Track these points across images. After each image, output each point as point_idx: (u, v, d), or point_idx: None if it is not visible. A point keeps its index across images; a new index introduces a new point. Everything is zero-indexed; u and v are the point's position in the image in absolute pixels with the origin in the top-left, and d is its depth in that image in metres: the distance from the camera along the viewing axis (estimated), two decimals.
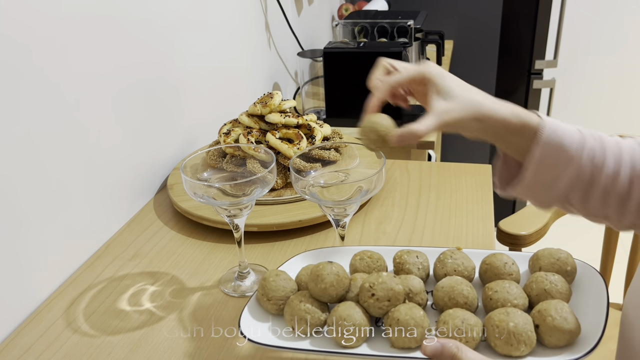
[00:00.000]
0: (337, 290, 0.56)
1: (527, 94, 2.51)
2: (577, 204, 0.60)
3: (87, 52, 0.82)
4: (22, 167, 0.72)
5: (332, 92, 1.44)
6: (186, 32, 1.11)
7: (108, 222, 0.90)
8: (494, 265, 0.59)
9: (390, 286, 0.54)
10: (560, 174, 0.58)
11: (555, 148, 0.57)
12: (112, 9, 0.87)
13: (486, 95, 0.59)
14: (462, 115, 0.57)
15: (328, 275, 0.56)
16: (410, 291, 0.56)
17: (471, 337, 0.51)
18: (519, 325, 0.50)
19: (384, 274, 0.55)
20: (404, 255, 0.61)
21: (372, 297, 0.54)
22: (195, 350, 0.66)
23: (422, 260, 0.61)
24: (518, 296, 0.55)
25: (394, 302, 0.54)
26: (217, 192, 0.69)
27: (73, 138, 0.80)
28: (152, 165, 1.02)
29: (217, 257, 0.84)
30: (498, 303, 0.54)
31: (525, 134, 0.58)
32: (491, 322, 0.51)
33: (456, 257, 0.61)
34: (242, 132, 0.97)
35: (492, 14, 2.43)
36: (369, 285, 0.54)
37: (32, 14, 0.71)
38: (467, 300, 0.55)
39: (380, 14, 1.84)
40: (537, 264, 0.60)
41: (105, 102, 0.87)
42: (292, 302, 0.57)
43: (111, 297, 0.76)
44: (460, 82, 0.60)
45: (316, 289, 0.56)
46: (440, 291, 0.56)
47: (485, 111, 0.57)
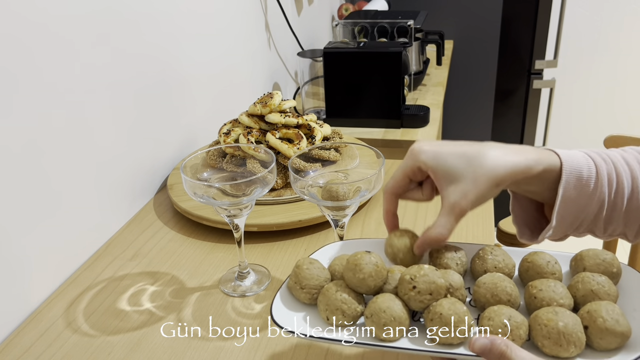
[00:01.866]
0: (375, 281, 0.53)
1: (527, 94, 2.51)
2: (601, 229, 0.59)
3: (86, 51, 0.82)
4: (22, 167, 0.72)
5: (332, 92, 1.44)
6: (186, 32, 1.11)
7: (108, 222, 0.90)
8: (536, 264, 0.57)
9: (432, 279, 0.51)
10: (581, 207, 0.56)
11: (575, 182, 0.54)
12: (113, 8, 0.87)
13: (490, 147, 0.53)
14: (479, 192, 0.52)
15: (367, 265, 0.53)
16: (451, 286, 0.53)
17: (518, 335, 0.48)
18: (569, 325, 0.48)
19: (426, 267, 0.52)
20: (441, 249, 0.58)
21: (414, 290, 0.51)
22: (195, 350, 0.66)
23: (461, 255, 0.58)
24: (564, 296, 0.52)
25: (435, 296, 0.51)
26: (217, 192, 0.69)
27: (73, 138, 0.80)
28: (152, 165, 1.02)
29: (217, 257, 0.84)
30: (543, 302, 0.52)
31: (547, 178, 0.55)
32: (538, 320, 0.49)
33: (496, 253, 0.58)
34: (242, 132, 0.97)
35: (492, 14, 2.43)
36: (410, 277, 0.52)
37: (33, 11, 0.71)
38: (511, 297, 0.53)
39: (380, 14, 1.84)
40: (580, 265, 0.57)
41: (105, 102, 0.87)
42: (328, 292, 0.54)
43: (111, 297, 0.76)
44: (462, 152, 0.53)
45: (354, 279, 0.53)
46: (482, 287, 0.53)
47: (501, 174, 0.52)
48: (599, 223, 0.58)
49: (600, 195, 0.56)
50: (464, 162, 0.52)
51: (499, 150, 0.53)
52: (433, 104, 1.59)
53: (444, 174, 0.53)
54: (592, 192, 0.55)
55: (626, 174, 0.57)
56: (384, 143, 1.40)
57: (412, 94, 1.70)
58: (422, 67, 1.77)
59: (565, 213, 0.56)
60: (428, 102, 1.62)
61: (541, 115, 2.59)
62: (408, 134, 1.41)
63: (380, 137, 1.40)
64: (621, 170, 0.57)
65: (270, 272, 0.79)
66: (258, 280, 0.77)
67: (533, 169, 0.53)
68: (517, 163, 0.52)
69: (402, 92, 1.41)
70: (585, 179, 0.55)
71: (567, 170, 0.54)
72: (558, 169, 0.55)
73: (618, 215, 0.57)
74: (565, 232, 0.59)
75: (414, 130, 1.42)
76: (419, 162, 0.54)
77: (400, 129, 1.43)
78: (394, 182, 0.57)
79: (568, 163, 0.55)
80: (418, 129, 1.43)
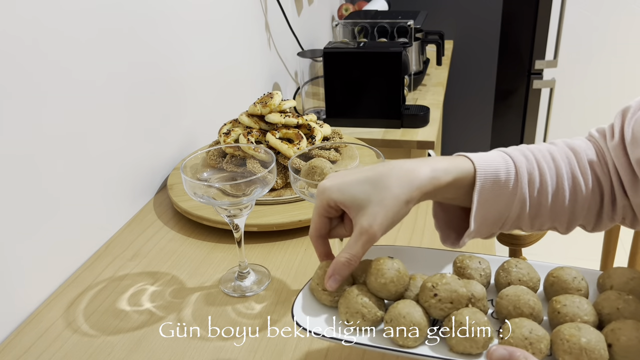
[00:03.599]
0: (396, 286, 0.53)
1: (527, 94, 2.51)
2: (527, 225, 0.59)
3: (86, 51, 0.82)
4: (22, 167, 0.72)
5: (332, 92, 1.44)
6: (186, 32, 1.11)
7: (108, 222, 0.90)
8: (561, 279, 0.56)
9: (454, 288, 0.51)
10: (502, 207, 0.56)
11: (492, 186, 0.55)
12: (113, 8, 0.87)
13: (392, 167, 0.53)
14: (388, 213, 0.51)
15: (389, 270, 0.53)
16: (473, 296, 0.53)
17: (538, 349, 0.47)
18: (592, 341, 0.46)
19: (448, 275, 0.52)
20: (465, 260, 0.58)
21: (435, 298, 0.51)
22: (195, 350, 0.66)
23: (485, 267, 0.58)
24: (588, 312, 0.51)
25: (456, 304, 0.51)
26: (217, 192, 0.69)
27: (73, 138, 0.80)
28: (152, 165, 1.02)
29: (217, 257, 0.84)
30: (567, 317, 0.51)
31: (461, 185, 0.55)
32: (560, 335, 0.48)
33: (521, 266, 0.57)
34: (242, 132, 0.97)
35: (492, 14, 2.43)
36: (432, 285, 0.51)
37: (31, 10, 0.71)
38: (533, 311, 0.52)
39: (380, 14, 1.84)
40: (608, 283, 0.57)
41: (105, 102, 0.87)
42: (349, 295, 0.53)
43: (111, 297, 0.76)
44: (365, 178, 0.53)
45: (375, 283, 0.53)
46: (505, 299, 0.53)
47: (406, 192, 0.52)
48: (524, 220, 0.58)
49: (521, 195, 0.56)
50: (368, 188, 0.52)
51: (402, 169, 0.53)
52: (433, 104, 1.59)
53: (352, 204, 0.52)
54: (512, 192, 0.55)
55: (550, 171, 0.57)
56: (384, 143, 1.40)
57: (412, 94, 1.70)
58: (422, 67, 1.77)
59: (486, 215, 0.56)
60: (428, 102, 1.62)
61: (541, 115, 2.59)
62: (408, 134, 1.41)
63: (380, 137, 1.40)
64: (545, 167, 0.57)
65: (270, 272, 0.79)
66: (258, 280, 0.77)
67: (441, 179, 0.53)
68: (422, 178, 0.52)
69: (402, 92, 1.41)
70: (504, 181, 0.55)
71: (481, 176, 0.54)
72: (472, 175, 0.55)
73: (544, 211, 0.57)
74: (491, 232, 0.59)
75: (414, 130, 1.42)
76: (326, 199, 0.53)
77: (400, 129, 1.43)
78: (314, 225, 0.56)
79: (482, 167, 0.55)
80: (418, 129, 1.43)
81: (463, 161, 0.55)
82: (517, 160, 0.56)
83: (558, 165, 0.57)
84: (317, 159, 0.67)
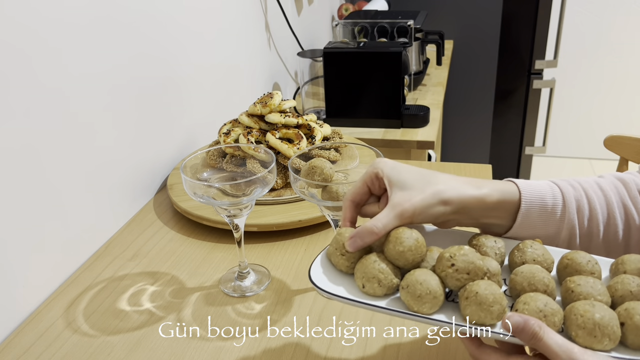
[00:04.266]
0: (414, 255, 0.54)
1: (527, 94, 2.51)
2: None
3: (86, 51, 0.82)
4: (22, 167, 0.72)
5: (332, 92, 1.44)
6: (186, 32, 1.11)
7: (108, 222, 0.90)
8: (576, 262, 0.56)
9: (471, 259, 0.51)
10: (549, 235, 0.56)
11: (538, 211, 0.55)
12: (111, 9, 0.87)
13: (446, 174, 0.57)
14: (423, 201, 0.54)
15: (407, 239, 0.54)
16: (488, 271, 0.53)
17: (552, 322, 0.48)
18: (606, 317, 0.47)
19: (466, 247, 0.52)
20: (481, 238, 0.58)
21: (452, 267, 0.51)
22: (195, 350, 0.66)
23: (500, 246, 0.58)
24: (602, 293, 0.52)
25: (472, 276, 0.51)
26: (217, 192, 0.69)
27: (73, 138, 0.80)
28: (152, 165, 1.02)
29: (217, 257, 0.84)
30: (580, 297, 0.51)
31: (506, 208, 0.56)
32: (574, 311, 0.49)
33: (536, 247, 0.58)
34: (242, 132, 0.97)
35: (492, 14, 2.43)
36: (450, 255, 0.52)
37: (32, 15, 0.71)
38: (547, 288, 0.52)
39: (380, 14, 1.84)
40: (621, 268, 0.57)
41: (105, 102, 0.87)
42: (366, 261, 0.54)
43: (111, 297, 0.76)
44: (419, 171, 0.56)
45: (394, 251, 0.54)
46: (520, 276, 0.53)
47: (448, 194, 0.55)
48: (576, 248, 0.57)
49: (570, 222, 0.56)
50: (417, 177, 0.56)
51: (453, 178, 0.56)
52: (433, 104, 1.59)
53: (396, 182, 0.55)
54: (560, 219, 0.55)
55: (599, 200, 0.56)
56: (384, 143, 1.40)
57: (412, 94, 1.70)
58: (422, 67, 1.77)
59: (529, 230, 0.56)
60: (428, 102, 1.62)
61: (541, 115, 2.59)
62: (408, 134, 1.41)
63: (380, 137, 1.40)
64: (593, 196, 0.56)
65: (270, 272, 0.79)
66: (258, 280, 0.77)
67: (486, 197, 0.55)
68: (466, 189, 0.55)
69: (402, 92, 1.41)
70: (551, 206, 0.55)
71: (526, 198, 0.55)
72: (517, 198, 0.55)
73: (596, 243, 0.57)
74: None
75: (414, 130, 1.42)
76: (378, 170, 0.56)
77: (400, 129, 1.43)
78: (353, 189, 0.58)
79: (527, 191, 0.55)
80: (418, 129, 1.43)
81: (509, 185, 0.57)
82: (564, 188, 0.57)
83: (607, 194, 0.57)
84: (317, 159, 0.67)
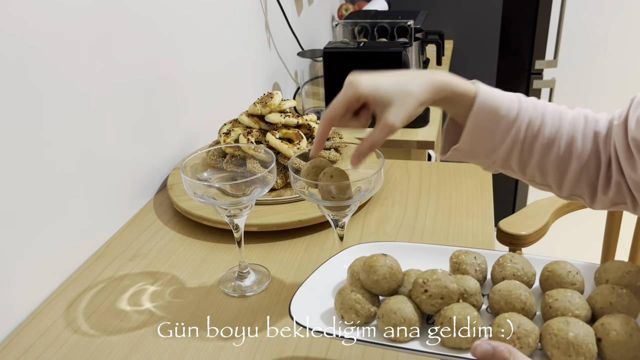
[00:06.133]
0: (389, 283, 0.54)
1: (527, 94, 2.51)
2: (517, 169, 0.63)
3: (86, 52, 0.82)
4: (22, 167, 0.72)
5: (332, 92, 1.44)
6: (186, 32, 1.11)
7: (108, 222, 0.90)
8: (556, 273, 0.56)
9: (444, 284, 0.52)
10: (496, 140, 0.61)
11: (489, 115, 0.60)
12: (113, 8, 0.87)
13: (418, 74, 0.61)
14: (408, 112, 0.59)
15: (381, 267, 0.54)
16: (465, 291, 0.54)
17: (526, 343, 0.48)
18: (579, 336, 0.47)
19: (439, 271, 0.53)
20: (461, 255, 0.59)
21: (425, 294, 0.52)
22: (195, 350, 0.66)
23: (480, 262, 0.59)
24: (580, 307, 0.51)
25: (447, 300, 0.52)
26: (217, 192, 0.69)
27: (73, 138, 0.80)
28: (152, 165, 1.02)
29: (217, 257, 0.84)
30: (558, 312, 0.51)
31: (463, 102, 0.61)
32: (549, 330, 0.48)
33: (516, 261, 0.58)
34: (242, 132, 0.97)
35: (492, 14, 2.43)
36: (423, 281, 0.52)
37: (34, 14, 0.71)
38: (525, 305, 0.52)
39: (380, 14, 1.84)
40: (604, 277, 0.57)
41: (105, 102, 0.87)
42: (344, 292, 0.55)
43: (111, 297, 0.76)
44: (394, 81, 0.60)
45: (368, 280, 0.55)
46: (497, 294, 0.54)
47: (423, 96, 0.59)
48: (514, 161, 0.63)
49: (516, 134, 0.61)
50: (395, 89, 0.59)
51: (425, 75, 0.60)
52: None
53: (379, 100, 0.59)
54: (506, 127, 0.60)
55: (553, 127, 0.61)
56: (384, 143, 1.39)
57: None
58: (422, 67, 1.77)
59: (477, 139, 0.62)
60: None
61: None
62: (408, 133, 1.41)
63: None
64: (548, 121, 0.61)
65: (270, 272, 0.79)
66: (258, 280, 0.77)
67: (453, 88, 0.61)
68: (436, 82, 0.60)
69: None
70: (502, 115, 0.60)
71: (480, 102, 0.60)
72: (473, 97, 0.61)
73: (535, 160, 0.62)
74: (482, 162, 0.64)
75: (414, 130, 1.42)
76: (358, 92, 0.59)
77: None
78: (332, 109, 0.60)
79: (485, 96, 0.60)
80: (418, 129, 1.43)
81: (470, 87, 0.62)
82: (524, 105, 0.61)
83: (562, 124, 0.61)
84: (317, 159, 0.67)
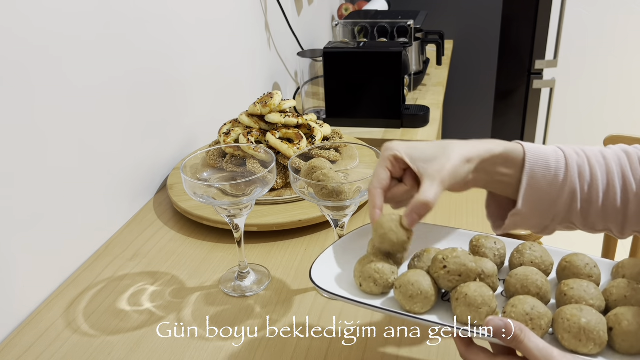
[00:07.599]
0: (397, 235, 0.55)
1: (527, 94, 2.51)
2: (579, 221, 0.60)
3: (86, 51, 0.82)
4: (22, 167, 0.72)
5: (332, 92, 1.44)
6: (186, 32, 1.11)
7: (108, 222, 0.90)
8: (574, 264, 0.57)
9: (463, 262, 0.53)
10: (553, 193, 0.58)
11: (543, 170, 0.57)
12: (113, 8, 0.87)
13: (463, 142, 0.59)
14: (454, 165, 0.56)
15: (387, 222, 0.55)
16: (483, 272, 0.54)
17: (538, 325, 0.49)
18: (592, 322, 0.48)
19: (459, 249, 0.54)
20: (481, 239, 0.60)
21: (444, 269, 0.53)
22: (195, 350, 0.66)
23: (500, 247, 0.60)
24: (595, 297, 0.52)
25: (464, 278, 0.53)
26: (217, 192, 0.69)
27: (73, 137, 0.80)
28: (152, 165, 1.02)
29: (217, 257, 0.84)
30: (572, 300, 0.52)
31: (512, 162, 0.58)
32: (562, 315, 0.49)
33: (535, 249, 0.59)
34: (242, 132, 0.97)
35: (492, 14, 2.43)
36: (443, 257, 0.53)
37: (33, 9, 0.71)
38: (540, 291, 0.53)
39: (380, 14, 1.84)
40: (620, 272, 0.57)
41: (105, 102, 0.87)
42: (363, 260, 0.56)
43: (111, 297, 0.76)
44: (432, 144, 0.58)
45: (376, 235, 0.55)
46: (514, 278, 0.54)
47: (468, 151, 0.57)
48: (576, 215, 0.59)
49: (571, 186, 0.57)
50: (435, 149, 0.57)
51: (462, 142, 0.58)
52: (433, 104, 1.59)
53: (420, 158, 0.56)
54: (562, 182, 0.57)
55: (601, 168, 0.58)
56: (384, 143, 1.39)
57: (412, 94, 1.70)
58: (422, 67, 1.77)
59: (535, 200, 0.58)
60: (428, 102, 1.62)
61: (541, 115, 2.59)
62: (408, 134, 1.41)
63: (380, 137, 1.40)
64: (595, 163, 0.58)
65: (270, 272, 0.79)
66: (258, 280, 0.77)
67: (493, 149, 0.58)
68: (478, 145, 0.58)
69: (402, 92, 1.41)
70: (554, 169, 0.57)
71: (530, 160, 0.57)
72: (522, 156, 0.58)
73: (595, 209, 0.58)
74: (542, 223, 0.60)
75: (414, 130, 1.42)
76: (393, 151, 0.57)
77: (400, 129, 1.43)
78: (376, 177, 0.58)
79: (532, 153, 0.58)
80: (418, 129, 1.43)
81: (515, 144, 0.59)
82: (568, 153, 0.58)
83: (609, 163, 0.59)
84: (317, 159, 0.67)
